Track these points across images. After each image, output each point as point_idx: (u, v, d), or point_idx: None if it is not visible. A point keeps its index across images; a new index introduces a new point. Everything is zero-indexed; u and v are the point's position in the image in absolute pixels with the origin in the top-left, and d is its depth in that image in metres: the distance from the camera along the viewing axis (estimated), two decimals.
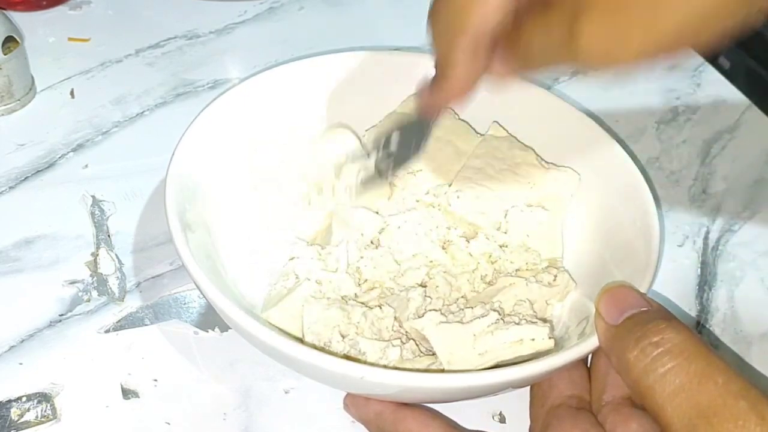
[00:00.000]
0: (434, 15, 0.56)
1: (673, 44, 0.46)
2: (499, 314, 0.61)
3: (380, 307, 0.62)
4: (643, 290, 0.57)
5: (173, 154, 0.64)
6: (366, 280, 0.66)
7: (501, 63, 0.55)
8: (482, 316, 0.60)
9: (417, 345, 0.61)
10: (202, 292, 0.56)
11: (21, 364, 0.62)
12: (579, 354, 0.54)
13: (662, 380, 0.47)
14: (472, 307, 0.61)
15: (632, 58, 0.47)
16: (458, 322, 0.60)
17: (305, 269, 0.65)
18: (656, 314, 0.51)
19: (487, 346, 0.58)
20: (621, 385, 0.54)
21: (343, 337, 0.60)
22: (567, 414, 0.54)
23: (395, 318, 0.62)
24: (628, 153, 0.67)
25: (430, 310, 0.61)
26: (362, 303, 0.64)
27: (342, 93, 0.74)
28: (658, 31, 0.45)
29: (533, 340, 0.59)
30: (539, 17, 0.49)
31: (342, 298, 0.64)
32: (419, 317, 0.61)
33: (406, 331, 0.62)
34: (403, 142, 0.67)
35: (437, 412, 0.58)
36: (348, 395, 0.59)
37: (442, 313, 0.61)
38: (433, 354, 0.60)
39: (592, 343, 0.54)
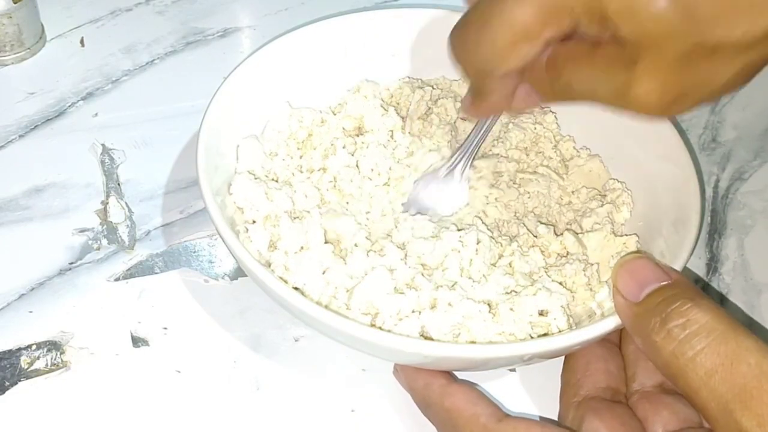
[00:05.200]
0: (463, 43, 0.52)
1: (730, 90, 0.46)
2: None
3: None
4: (687, 247, 0.57)
5: (207, 109, 0.63)
6: None
7: (526, 94, 0.55)
8: None
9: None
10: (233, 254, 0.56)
11: (31, 312, 0.63)
12: (596, 332, 0.53)
13: (693, 363, 0.46)
14: None
15: (688, 109, 0.46)
16: None
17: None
18: (679, 290, 0.50)
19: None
20: (651, 371, 0.54)
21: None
22: (603, 407, 0.53)
23: None
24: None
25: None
26: None
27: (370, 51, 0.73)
28: (718, 83, 0.45)
29: None
30: (585, 57, 0.48)
31: None
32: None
33: None
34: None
35: (484, 393, 0.56)
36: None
37: None
38: None
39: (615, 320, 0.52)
